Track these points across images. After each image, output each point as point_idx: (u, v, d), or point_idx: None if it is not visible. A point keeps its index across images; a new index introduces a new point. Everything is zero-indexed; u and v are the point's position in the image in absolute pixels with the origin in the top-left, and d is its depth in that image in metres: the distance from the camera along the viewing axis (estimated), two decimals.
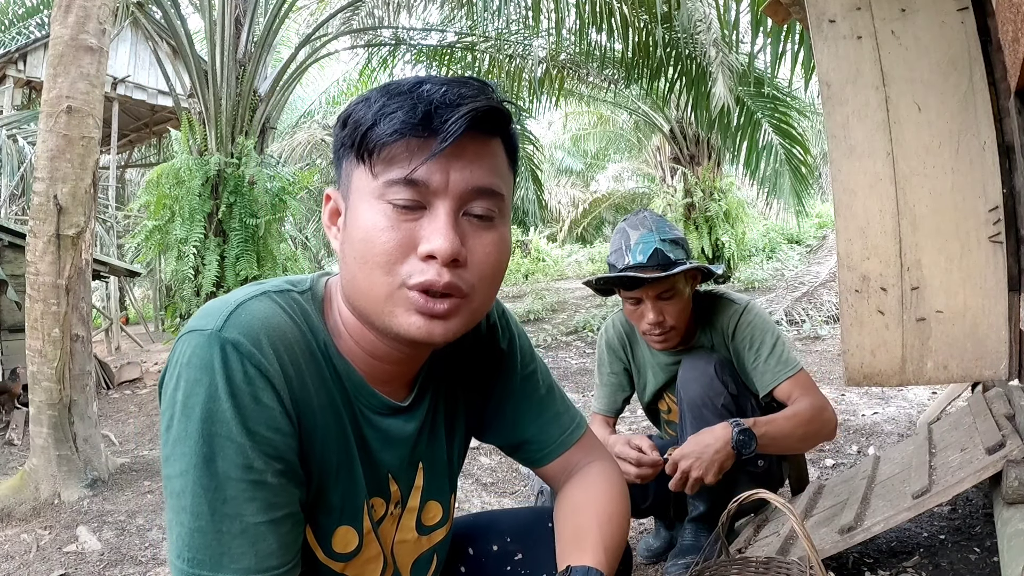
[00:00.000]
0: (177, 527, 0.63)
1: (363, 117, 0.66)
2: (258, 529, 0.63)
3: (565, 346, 6.65)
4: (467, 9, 6.29)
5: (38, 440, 2.89)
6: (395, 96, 0.65)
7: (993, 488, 1.34)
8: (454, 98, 0.64)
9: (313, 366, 0.72)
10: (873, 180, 1.53)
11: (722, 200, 9.79)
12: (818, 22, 1.59)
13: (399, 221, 0.65)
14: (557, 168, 17.04)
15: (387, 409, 0.78)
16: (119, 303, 10.70)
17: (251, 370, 0.64)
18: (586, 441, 0.94)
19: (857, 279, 1.54)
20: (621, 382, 1.79)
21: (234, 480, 0.62)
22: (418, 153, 0.64)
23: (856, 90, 1.55)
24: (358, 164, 0.67)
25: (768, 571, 1.17)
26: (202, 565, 0.62)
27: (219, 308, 0.67)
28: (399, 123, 0.63)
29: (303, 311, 0.73)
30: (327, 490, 0.74)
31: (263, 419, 0.64)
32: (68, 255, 2.91)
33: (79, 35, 2.89)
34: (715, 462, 1.36)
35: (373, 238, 0.65)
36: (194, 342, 0.64)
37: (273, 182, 5.66)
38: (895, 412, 3.18)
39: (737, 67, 5.42)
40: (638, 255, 1.51)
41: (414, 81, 0.67)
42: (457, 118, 0.63)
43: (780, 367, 1.53)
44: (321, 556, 0.76)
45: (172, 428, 0.63)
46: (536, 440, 0.91)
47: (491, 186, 0.68)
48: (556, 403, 0.94)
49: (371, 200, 0.66)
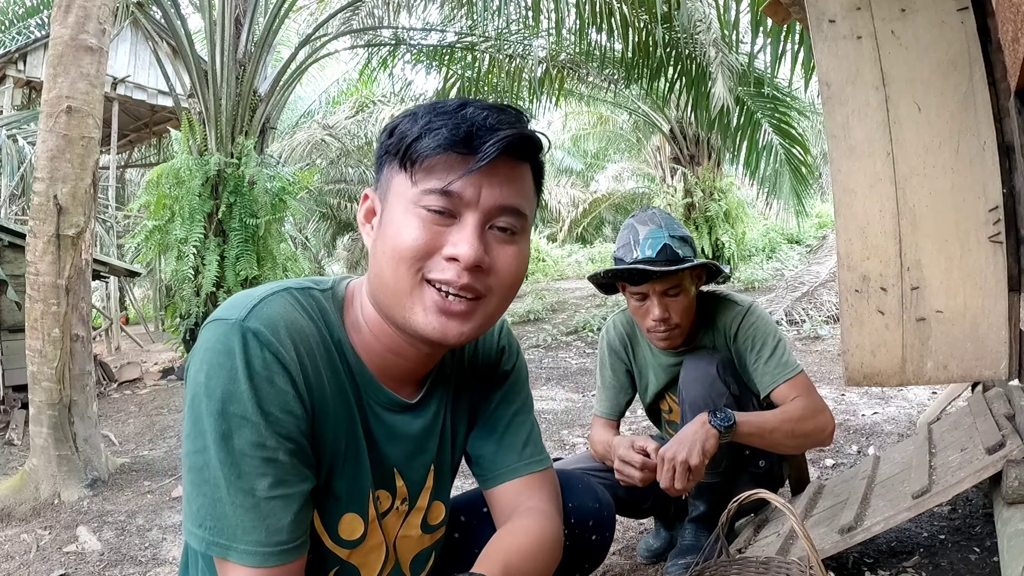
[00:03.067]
0: (198, 498, 0.68)
1: (409, 130, 0.73)
2: (269, 504, 0.68)
3: (565, 346, 6.65)
4: (467, 9, 6.29)
5: (38, 440, 2.89)
6: (441, 114, 0.72)
7: (993, 488, 1.34)
8: (494, 123, 0.71)
9: (327, 359, 0.77)
10: (873, 180, 1.53)
11: (722, 200, 9.79)
12: (818, 22, 1.59)
13: (430, 224, 0.72)
14: (557, 168, 17.04)
15: (395, 405, 0.83)
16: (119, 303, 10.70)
17: (268, 356, 0.70)
18: (540, 481, 0.92)
19: (857, 279, 1.54)
20: (623, 384, 1.79)
21: (248, 456, 0.68)
22: (456, 168, 0.71)
23: (856, 90, 1.55)
24: (400, 171, 0.74)
25: (768, 571, 1.18)
26: (220, 534, 0.68)
27: (243, 301, 0.73)
28: (443, 139, 0.70)
29: (321, 308, 0.79)
30: (335, 476, 0.78)
31: (277, 401, 0.70)
32: (68, 255, 2.91)
33: (79, 35, 2.89)
34: (696, 441, 1.34)
35: (404, 235, 0.72)
36: (219, 330, 0.70)
37: (273, 182, 5.66)
38: (895, 412, 3.18)
39: (737, 67, 5.42)
40: (647, 249, 1.50)
41: (459, 103, 0.74)
42: (495, 141, 0.70)
43: (780, 369, 1.53)
44: (327, 542, 0.80)
45: (194, 407, 0.69)
46: (489, 459, 0.93)
47: (517, 206, 0.75)
48: (523, 433, 0.94)
49: (407, 204, 0.73)
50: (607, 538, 1.08)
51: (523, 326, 7.95)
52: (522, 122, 0.75)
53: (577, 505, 1.03)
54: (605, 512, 1.07)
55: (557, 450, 3.16)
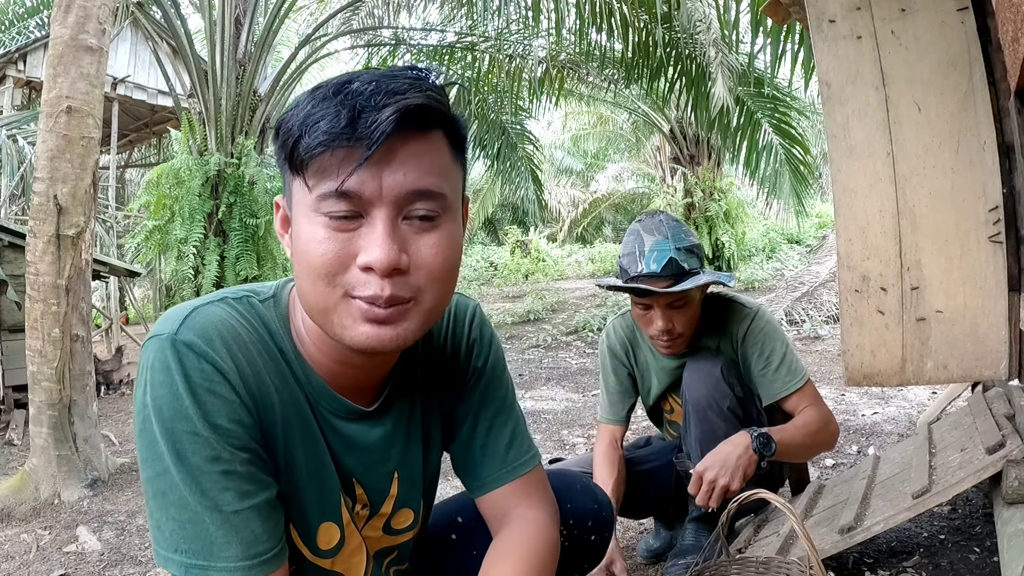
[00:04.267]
0: (168, 523, 0.65)
1: (292, 128, 0.64)
2: (238, 517, 0.66)
3: (565, 346, 6.65)
4: (467, 9, 6.28)
5: (38, 440, 2.89)
6: (320, 102, 0.63)
7: (993, 488, 1.34)
8: (380, 98, 0.61)
9: (273, 366, 0.73)
10: (873, 180, 1.53)
11: (722, 200, 9.80)
12: (818, 22, 1.59)
13: (336, 233, 0.64)
14: (557, 168, 17.04)
15: (349, 413, 0.78)
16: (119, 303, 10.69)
17: (206, 367, 0.66)
18: (526, 484, 0.89)
19: (857, 279, 1.54)
20: (626, 388, 1.78)
21: (206, 472, 0.64)
22: (346, 162, 0.62)
23: (856, 90, 1.55)
24: (293, 176, 0.66)
25: (768, 571, 1.18)
26: (197, 555, 0.65)
27: (176, 314, 0.69)
28: (322, 133, 0.61)
29: (260, 316, 0.74)
30: (302, 489, 0.75)
31: (223, 412, 0.66)
32: (68, 255, 2.91)
33: (79, 35, 2.89)
34: (739, 467, 1.36)
35: (312, 250, 0.65)
36: (155, 347, 0.67)
37: (273, 182, 5.66)
38: (895, 412, 3.18)
39: (737, 67, 5.42)
40: (652, 263, 1.48)
41: (342, 81, 0.64)
42: (382, 121, 0.60)
43: (790, 377, 1.53)
44: (309, 556, 0.78)
45: (144, 431, 0.66)
46: (473, 468, 0.90)
47: (429, 187, 0.65)
48: (505, 435, 0.90)
49: (308, 212, 0.65)
50: (606, 538, 1.07)
51: (523, 326, 7.95)
52: (418, 87, 0.63)
53: (576, 506, 1.02)
54: (604, 512, 1.07)
55: (557, 450, 3.16)
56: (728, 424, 1.49)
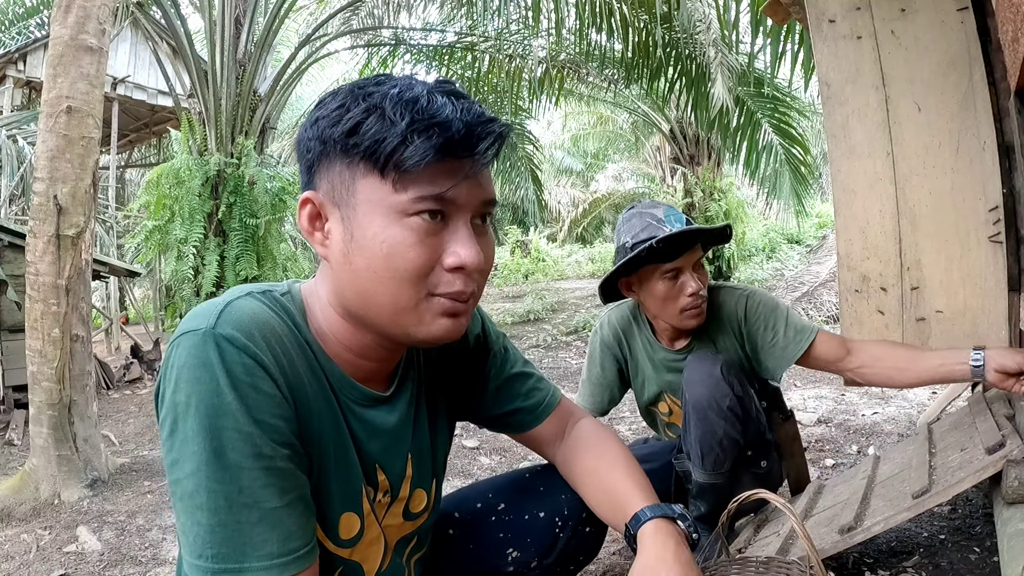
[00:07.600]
0: (194, 527, 0.64)
1: (385, 132, 0.65)
2: (276, 514, 0.65)
3: (565, 346, 6.65)
4: (467, 9, 6.29)
5: (38, 440, 2.89)
6: (419, 113, 0.65)
7: (993, 488, 1.34)
8: (481, 122, 0.68)
9: (302, 358, 0.74)
10: (873, 180, 1.53)
11: (722, 200, 9.79)
12: (818, 22, 1.59)
13: (426, 236, 0.68)
14: (557, 168, 17.05)
15: (369, 400, 0.81)
16: (119, 303, 10.70)
17: (248, 361, 0.66)
18: (565, 402, 1.04)
19: (857, 279, 1.54)
20: (610, 381, 1.77)
21: (247, 469, 0.64)
22: (450, 172, 0.67)
23: (856, 90, 1.55)
24: (372, 174, 0.67)
25: (768, 571, 1.17)
26: (226, 559, 0.63)
27: (209, 309, 0.69)
28: (438, 145, 0.65)
29: (286, 309, 0.76)
30: (327, 478, 0.77)
31: (267, 407, 0.66)
32: (68, 255, 2.91)
33: (79, 35, 2.88)
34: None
35: (402, 253, 0.67)
36: (189, 343, 0.65)
37: (273, 182, 5.67)
38: (895, 412, 3.18)
39: (737, 67, 5.43)
40: (676, 224, 1.49)
41: (425, 96, 0.67)
42: (489, 145, 0.68)
43: (800, 335, 1.52)
44: (330, 546, 0.79)
45: (177, 431, 0.64)
46: (525, 407, 0.99)
47: (494, 196, 0.74)
48: (533, 373, 1.02)
49: (394, 214, 0.67)
50: (601, 529, 1.08)
51: (523, 326, 7.95)
52: (493, 117, 0.70)
53: (570, 496, 1.02)
54: None
55: None
56: (728, 424, 1.49)
